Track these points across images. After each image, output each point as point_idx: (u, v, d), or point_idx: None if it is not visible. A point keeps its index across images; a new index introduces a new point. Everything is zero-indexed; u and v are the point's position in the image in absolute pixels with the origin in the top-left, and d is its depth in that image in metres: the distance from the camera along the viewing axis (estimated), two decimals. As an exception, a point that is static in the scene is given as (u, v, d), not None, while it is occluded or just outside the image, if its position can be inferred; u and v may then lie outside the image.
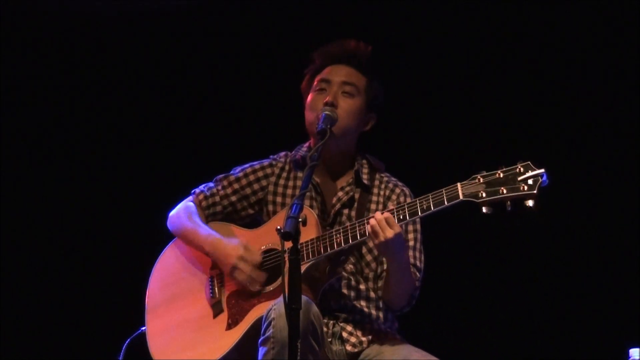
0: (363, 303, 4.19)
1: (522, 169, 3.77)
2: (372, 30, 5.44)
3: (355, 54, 4.33)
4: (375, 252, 4.22)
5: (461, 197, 3.82)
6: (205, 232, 4.27)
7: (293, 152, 4.41)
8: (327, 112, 4.14)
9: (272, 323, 3.76)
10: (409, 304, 4.17)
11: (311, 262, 4.03)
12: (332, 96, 4.22)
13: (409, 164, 4.80)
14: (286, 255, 3.46)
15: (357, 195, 4.30)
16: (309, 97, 4.31)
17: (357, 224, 4.00)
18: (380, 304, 4.21)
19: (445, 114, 5.77)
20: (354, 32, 4.46)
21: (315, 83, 4.32)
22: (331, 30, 4.55)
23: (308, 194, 4.26)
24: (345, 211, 4.27)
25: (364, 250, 4.24)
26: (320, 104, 4.22)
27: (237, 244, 4.18)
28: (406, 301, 4.15)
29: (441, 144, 5.73)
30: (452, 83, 5.78)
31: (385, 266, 4.15)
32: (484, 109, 5.71)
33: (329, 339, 4.07)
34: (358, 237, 3.98)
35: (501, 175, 3.80)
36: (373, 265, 4.24)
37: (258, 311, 4.01)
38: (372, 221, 3.89)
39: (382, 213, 3.91)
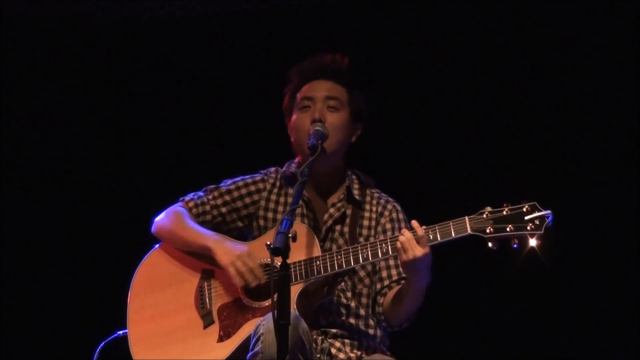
0: (352, 320, 4.21)
1: (528, 209, 3.88)
2: (379, 53, 5.60)
3: (333, 67, 4.34)
4: (369, 268, 4.25)
5: (469, 230, 3.90)
6: (207, 230, 4.25)
7: (284, 168, 4.40)
8: (318, 128, 4.16)
9: (261, 338, 3.77)
10: (408, 320, 4.21)
11: (310, 282, 4.04)
12: (319, 112, 4.23)
13: (403, 183, 4.81)
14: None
15: (348, 211, 4.31)
16: (294, 117, 4.31)
17: (359, 247, 4.03)
18: (371, 322, 4.24)
19: (440, 135, 5.85)
20: (354, 48, 4.49)
21: (297, 101, 4.32)
22: (325, 43, 4.56)
23: (299, 210, 4.28)
24: (338, 227, 4.29)
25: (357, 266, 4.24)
26: (307, 122, 4.22)
27: (242, 245, 4.16)
28: (407, 318, 4.18)
29: (437, 165, 5.82)
30: (459, 109, 5.85)
31: (386, 283, 4.20)
32: (481, 137, 5.81)
33: (318, 355, 4.09)
34: (361, 260, 4.02)
35: (508, 212, 3.89)
36: (366, 281, 4.27)
37: (252, 325, 3.99)
38: (402, 238, 3.92)
39: (411, 231, 3.93)
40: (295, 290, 3.96)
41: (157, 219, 4.39)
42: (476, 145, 5.77)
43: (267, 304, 4.08)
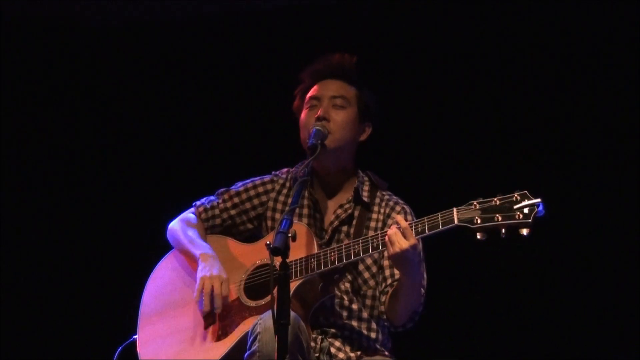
0: (354, 323, 4.19)
1: (518, 197, 3.79)
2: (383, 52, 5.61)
3: (340, 67, 4.35)
4: (374, 270, 4.23)
5: (456, 222, 3.85)
6: (203, 244, 4.30)
7: (294, 169, 4.42)
8: (317, 128, 4.18)
9: (258, 337, 3.80)
10: (412, 320, 4.15)
11: (304, 279, 4.04)
12: (324, 110, 4.24)
13: (410, 185, 4.81)
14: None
15: (356, 213, 4.29)
16: (302, 116, 4.33)
17: (352, 243, 4.01)
18: (373, 325, 4.21)
19: (447, 136, 5.82)
20: (369, 50, 4.49)
21: (306, 101, 4.34)
22: (325, 43, 4.60)
23: (307, 211, 4.30)
24: (344, 228, 4.28)
25: (361, 267, 4.23)
26: (313, 120, 4.24)
27: (222, 270, 4.17)
28: (409, 317, 4.13)
29: (443, 167, 5.79)
30: (457, 106, 5.82)
31: (389, 281, 4.17)
32: (486, 135, 5.77)
33: (317, 354, 4.08)
34: (352, 256, 4.00)
35: (497, 202, 3.82)
36: (371, 282, 4.24)
37: (248, 324, 4.01)
38: (389, 231, 3.89)
39: (396, 224, 3.90)
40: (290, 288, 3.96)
41: (170, 225, 4.48)
42: (477, 140, 5.72)
43: (263, 302, 4.09)
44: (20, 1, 6.21)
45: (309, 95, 4.36)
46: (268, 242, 3.59)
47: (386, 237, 3.90)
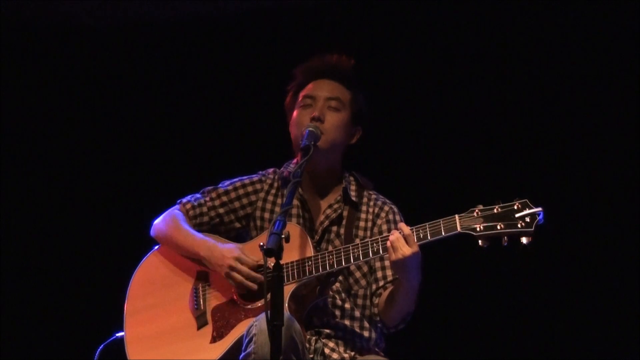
0: (347, 322, 4.20)
1: (519, 206, 3.84)
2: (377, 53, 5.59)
3: (338, 68, 4.34)
4: (365, 269, 4.25)
5: (459, 229, 3.88)
6: (200, 236, 4.26)
7: (281, 169, 4.41)
8: (310, 129, 4.16)
9: (254, 339, 3.79)
10: (405, 321, 4.18)
11: (301, 282, 4.04)
12: (319, 111, 4.23)
13: (400, 185, 4.81)
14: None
15: (345, 213, 4.30)
16: (294, 114, 4.32)
17: (351, 247, 4.02)
18: (365, 323, 4.23)
19: (438, 138, 5.84)
20: (357, 52, 4.48)
21: (299, 99, 4.33)
22: (325, 43, 4.56)
23: (296, 211, 4.29)
24: (334, 228, 4.29)
25: (352, 267, 4.23)
26: (307, 119, 4.23)
27: (233, 247, 4.18)
28: (402, 318, 4.16)
29: (436, 171, 5.79)
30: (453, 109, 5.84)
31: (381, 283, 4.20)
32: (479, 137, 5.80)
33: (311, 355, 4.08)
34: (352, 260, 4.00)
35: (499, 210, 3.86)
36: (362, 282, 4.26)
37: (243, 326, 4.00)
38: (392, 237, 3.91)
39: (398, 231, 3.92)
40: (287, 290, 3.93)
41: (156, 222, 4.41)
42: (473, 144, 5.75)
43: (259, 304, 4.08)
44: (20, 1, 6.13)
45: (303, 93, 4.34)
46: (261, 244, 3.58)
47: (388, 243, 3.92)
